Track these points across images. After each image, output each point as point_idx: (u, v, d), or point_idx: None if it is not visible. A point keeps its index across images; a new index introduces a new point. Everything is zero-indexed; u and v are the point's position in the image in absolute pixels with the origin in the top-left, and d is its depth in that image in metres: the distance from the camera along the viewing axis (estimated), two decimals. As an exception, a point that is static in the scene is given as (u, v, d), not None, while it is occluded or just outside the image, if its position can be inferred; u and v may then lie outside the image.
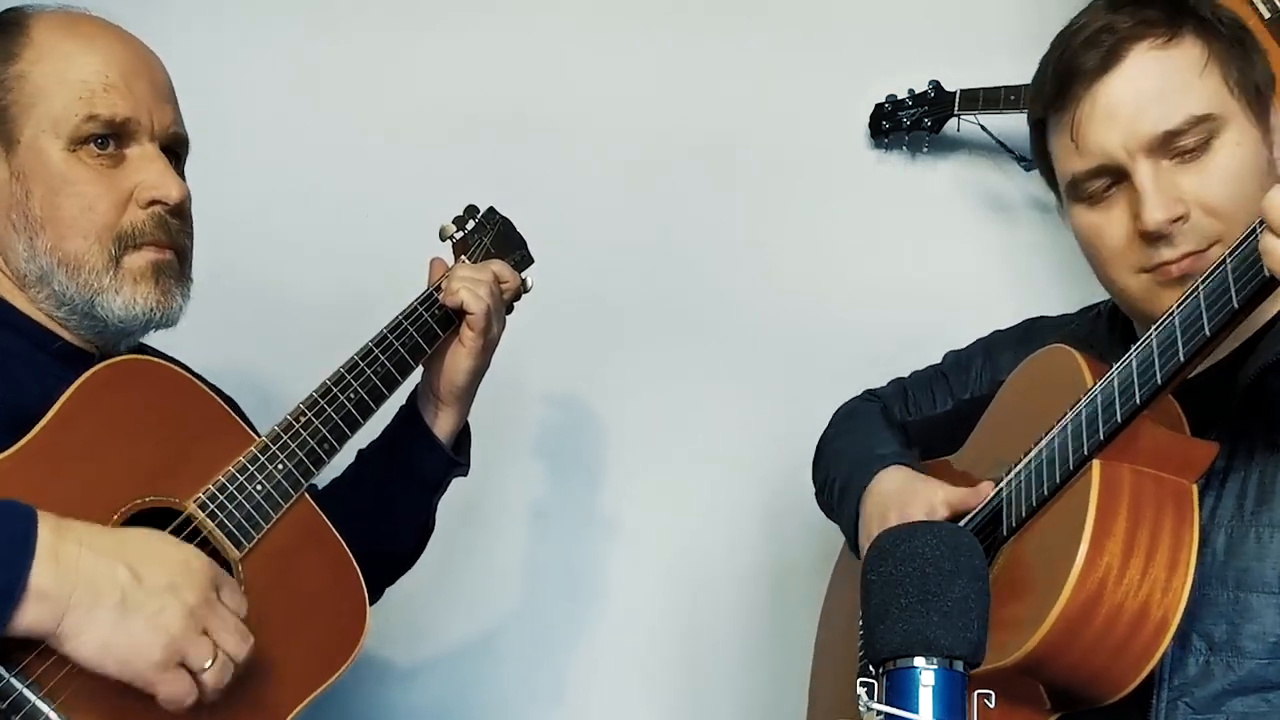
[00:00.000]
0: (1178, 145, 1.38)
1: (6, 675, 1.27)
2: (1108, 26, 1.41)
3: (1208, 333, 1.23)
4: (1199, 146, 1.38)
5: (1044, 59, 1.49)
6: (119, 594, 1.24)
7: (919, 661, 0.91)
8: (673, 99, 2.48)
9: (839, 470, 1.78)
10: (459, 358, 1.74)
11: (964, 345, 1.86)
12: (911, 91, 2.42)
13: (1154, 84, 1.39)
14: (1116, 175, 1.42)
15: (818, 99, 2.49)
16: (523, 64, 2.49)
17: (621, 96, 2.48)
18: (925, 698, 0.91)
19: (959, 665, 0.92)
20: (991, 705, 0.95)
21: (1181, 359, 1.26)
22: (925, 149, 2.45)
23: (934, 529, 0.97)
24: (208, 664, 1.29)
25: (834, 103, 2.48)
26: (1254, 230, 1.18)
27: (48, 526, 1.23)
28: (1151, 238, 1.39)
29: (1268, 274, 1.14)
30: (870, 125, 2.47)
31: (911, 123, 2.41)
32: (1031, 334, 1.75)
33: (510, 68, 2.49)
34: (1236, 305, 1.20)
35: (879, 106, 2.45)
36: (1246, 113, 1.40)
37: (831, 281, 2.44)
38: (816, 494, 1.90)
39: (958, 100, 2.37)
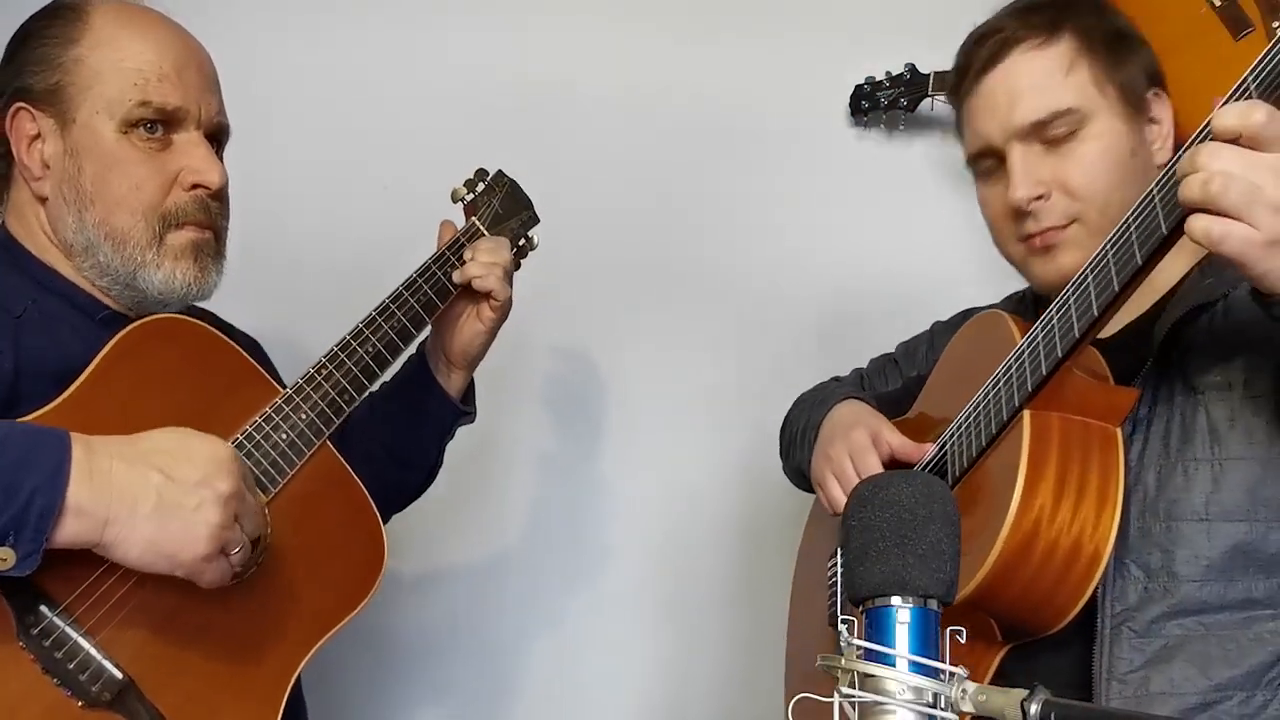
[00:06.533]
0: (1046, 134, 1.44)
1: (50, 614, 1.26)
2: (997, 28, 1.49)
3: (1116, 288, 1.26)
4: (1065, 136, 1.44)
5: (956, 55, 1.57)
6: (155, 497, 1.22)
7: (896, 600, 0.90)
8: (673, 80, 2.45)
9: (799, 420, 1.80)
10: (475, 332, 1.73)
11: (920, 325, 1.87)
12: (888, 73, 2.41)
13: (1026, 81, 1.45)
14: (998, 156, 1.48)
15: (802, 81, 2.46)
16: (532, 45, 2.46)
17: (624, 80, 2.45)
18: (901, 634, 0.89)
19: (933, 604, 0.90)
20: (963, 641, 0.93)
21: (1095, 313, 1.28)
22: (901, 127, 2.44)
23: (910, 478, 0.94)
24: (238, 549, 1.29)
25: (817, 84, 2.46)
26: (1150, 192, 1.21)
27: (79, 446, 1.21)
28: (1018, 213, 1.46)
29: (1165, 231, 1.18)
30: (850, 105, 2.45)
31: (889, 102, 2.40)
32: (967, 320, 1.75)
33: (521, 48, 2.46)
34: (1140, 262, 1.22)
35: (858, 87, 2.44)
36: (1113, 107, 1.45)
37: (814, 248, 2.42)
38: (783, 463, 1.90)
39: (931, 81, 2.36)
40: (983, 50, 1.48)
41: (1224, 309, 1.36)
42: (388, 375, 1.65)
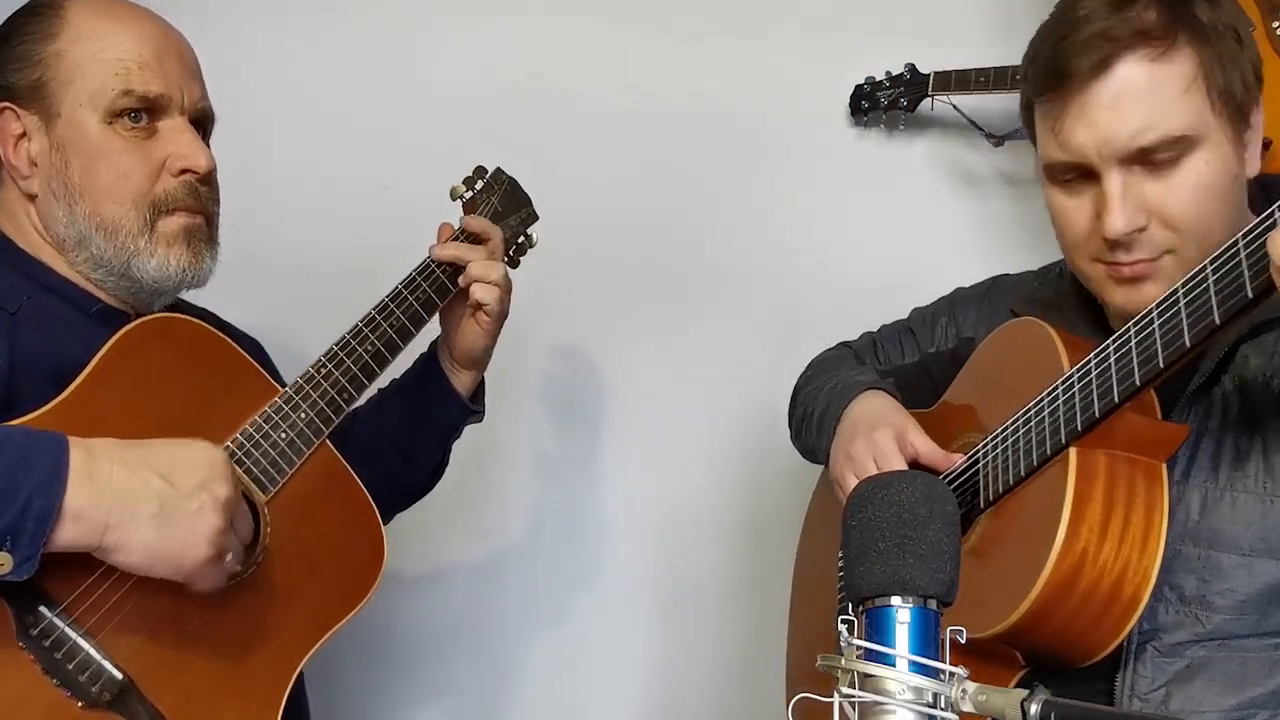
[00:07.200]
0: (1151, 159, 1.30)
1: (50, 615, 1.26)
2: (1104, 33, 1.29)
3: (1187, 343, 1.18)
4: (1170, 161, 1.29)
5: (1039, 39, 1.38)
6: (156, 502, 1.22)
7: (896, 600, 0.89)
8: (673, 80, 2.44)
9: (816, 403, 1.72)
10: (476, 336, 1.72)
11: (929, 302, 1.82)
12: (889, 73, 2.39)
13: (1137, 99, 1.28)
14: (1089, 173, 1.34)
15: (802, 81, 2.45)
16: (532, 45, 2.45)
17: (624, 80, 2.44)
18: (901, 634, 0.88)
19: (933, 604, 0.89)
20: (963, 641, 0.92)
21: (1161, 365, 1.21)
22: (901, 126, 2.42)
23: (910, 478, 0.94)
24: (231, 555, 1.30)
25: (817, 84, 2.44)
26: (1236, 244, 1.13)
27: (78, 449, 1.21)
28: (1108, 240, 1.32)
29: (1250, 294, 1.10)
30: (850, 105, 2.43)
31: (889, 102, 2.38)
32: (994, 292, 1.70)
33: (521, 48, 2.45)
34: (1218, 321, 1.15)
35: (858, 87, 2.42)
36: (1223, 127, 1.31)
37: (814, 248, 2.41)
38: (793, 436, 1.86)
39: (931, 82, 2.34)
40: (1087, 56, 1.29)
41: None
42: (387, 375, 1.64)
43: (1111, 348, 1.29)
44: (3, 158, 1.45)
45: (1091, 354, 1.32)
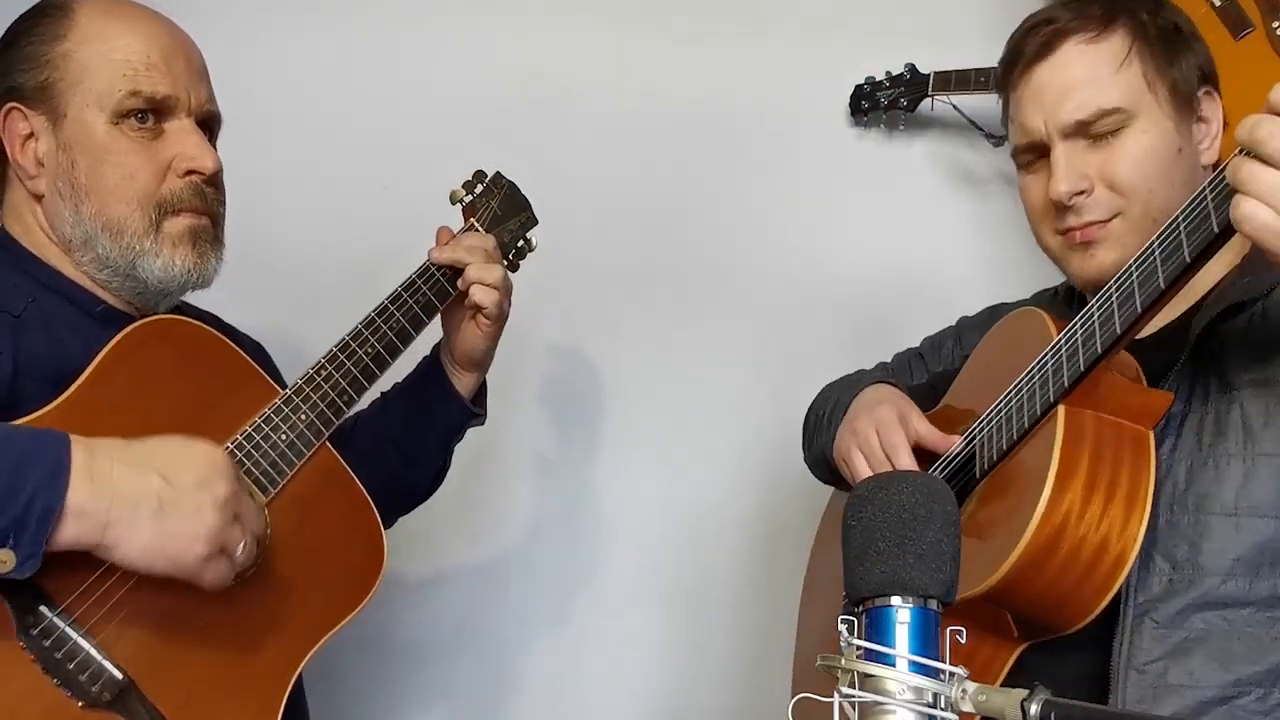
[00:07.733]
0: (1091, 130, 1.43)
1: (50, 614, 1.26)
2: (1050, 19, 1.47)
3: (1162, 285, 1.24)
4: (1111, 131, 1.43)
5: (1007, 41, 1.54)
6: (155, 500, 1.22)
7: (896, 600, 0.89)
8: (673, 80, 2.45)
9: (826, 405, 1.77)
10: (476, 338, 1.71)
11: (938, 327, 1.85)
12: (889, 73, 2.40)
13: (1076, 76, 1.44)
14: (1042, 150, 1.47)
15: (802, 81, 2.45)
16: (532, 46, 2.46)
17: (623, 80, 2.45)
18: (901, 634, 0.88)
19: (933, 604, 0.89)
20: (963, 641, 0.92)
21: (1139, 309, 1.27)
22: (901, 126, 2.43)
23: (910, 479, 0.94)
24: (241, 547, 1.29)
25: (817, 84, 2.45)
26: (1203, 190, 1.19)
27: (80, 447, 1.21)
28: (1059, 206, 1.45)
29: (1216, 229, 1.16)
30: (850, 105, 2.44)
31: (889, 102, 2.39)
32: (995, 317, 1.74)
33: (521, 49, 2.45)
34: (1189, 259, 1.20)
35: (858, 88, 2.43)
36: (1161, 106, 1.44)
37: (814, 248, 2.41)
38: (805, 454, 1.87)
39: (931, 82, 2.35)
40: (1033, 41, 1.46)
41: (1263, 308, 1.35)
42: (388, 377, 1.64)
43: (1095, 307, 1.34)
44: (10, 157, 1.46)
45: (1076, 319, 1.37)
